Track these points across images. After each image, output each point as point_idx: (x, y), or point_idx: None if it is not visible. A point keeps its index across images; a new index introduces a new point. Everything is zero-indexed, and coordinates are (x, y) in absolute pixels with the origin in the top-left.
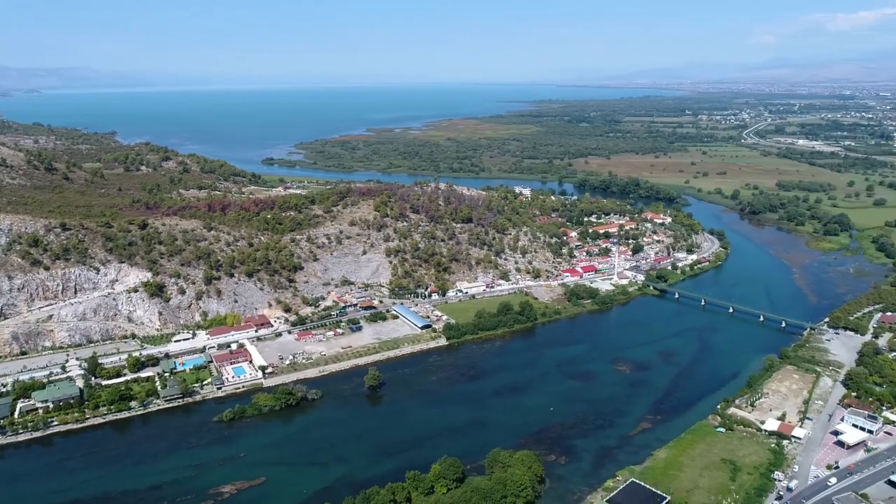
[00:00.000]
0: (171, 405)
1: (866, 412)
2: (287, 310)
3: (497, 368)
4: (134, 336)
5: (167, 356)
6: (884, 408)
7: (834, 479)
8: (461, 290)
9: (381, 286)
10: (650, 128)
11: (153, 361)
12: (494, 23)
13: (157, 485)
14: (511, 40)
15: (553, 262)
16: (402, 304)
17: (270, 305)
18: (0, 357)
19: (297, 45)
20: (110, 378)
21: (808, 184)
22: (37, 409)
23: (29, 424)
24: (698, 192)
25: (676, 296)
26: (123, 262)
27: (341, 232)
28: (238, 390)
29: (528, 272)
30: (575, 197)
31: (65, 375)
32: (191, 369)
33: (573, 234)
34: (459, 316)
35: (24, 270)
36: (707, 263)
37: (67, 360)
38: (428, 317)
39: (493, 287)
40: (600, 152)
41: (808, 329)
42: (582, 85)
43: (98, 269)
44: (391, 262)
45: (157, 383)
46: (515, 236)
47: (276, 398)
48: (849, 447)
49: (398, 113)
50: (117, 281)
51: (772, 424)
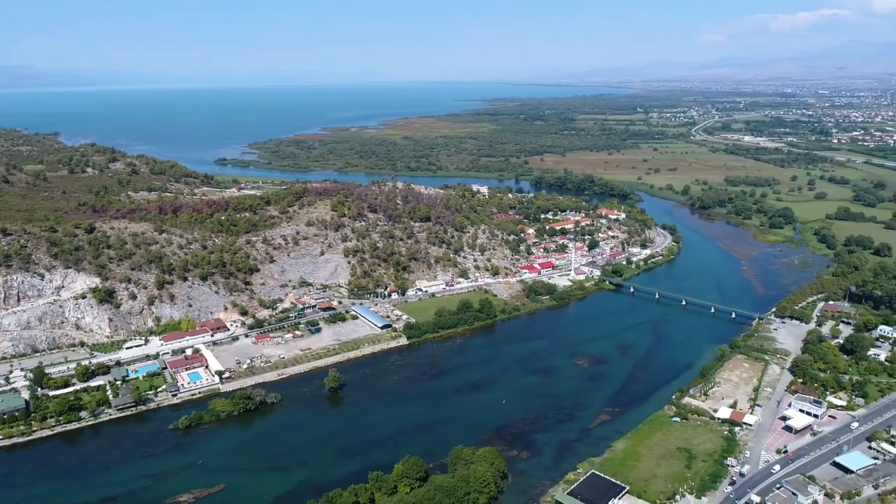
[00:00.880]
0: (123, 414)
1: (812, 397)
2: (244, 313)
3: (458, 366)
4: (83, 344)
5: (118, 364)
6: (828, 393)
7: (777, 467)
8: (421, 289)
9: (340, 287)
10: (603, 125)
11: (104, 370)
12: (450, 21)
13: (110, 496)
14: (467, 39)
15: (511, 259)
16: (361, 304)
17: (226, 309)
18: None
19: (251, 44)
20: (58, 388)
21: (754, 179)
22: None
23: None
24: (651, 188)
25: (632, 290)
26: (70, 268)
27: (298, 233)
28: (194, 396)
29: (487, 270)
30: (531, 194)
31: (9, 387)
32: (144, 376)
33: (530, 231)
34: (419, 315)
35: None
36: (660, 258)
37: (11, 371)
38: (388, 316)
39: (452, 285)
40: (556, 150)
41: (757, 319)
42: (538, 83)
43: (43, 276)
44: (350, 263)
45: (109, 392)
46: (474, 234)
47: (234, 403)
48: (796, 431)
49: (354, 112)
50: (64, 287)
51: (724, 412)
